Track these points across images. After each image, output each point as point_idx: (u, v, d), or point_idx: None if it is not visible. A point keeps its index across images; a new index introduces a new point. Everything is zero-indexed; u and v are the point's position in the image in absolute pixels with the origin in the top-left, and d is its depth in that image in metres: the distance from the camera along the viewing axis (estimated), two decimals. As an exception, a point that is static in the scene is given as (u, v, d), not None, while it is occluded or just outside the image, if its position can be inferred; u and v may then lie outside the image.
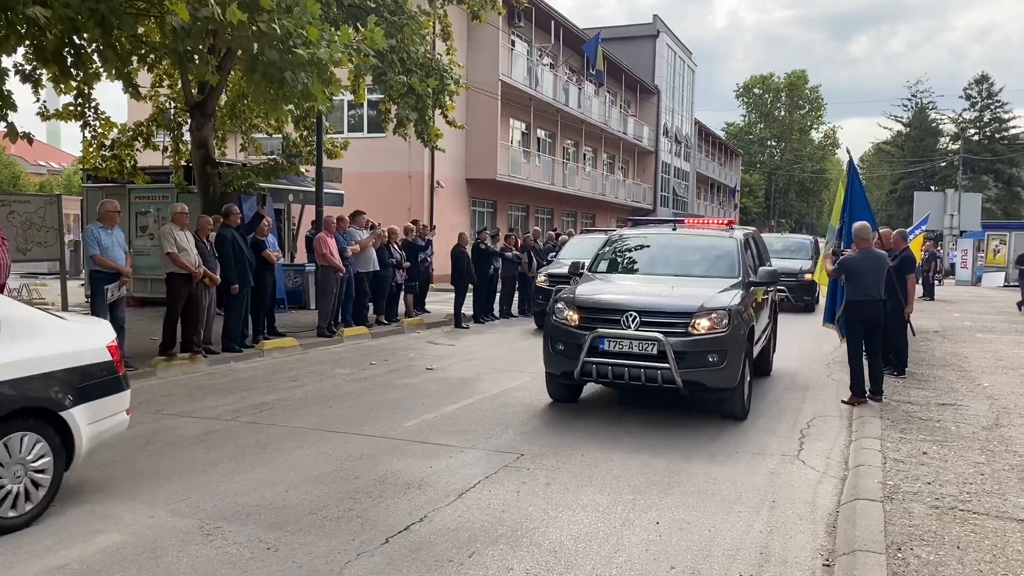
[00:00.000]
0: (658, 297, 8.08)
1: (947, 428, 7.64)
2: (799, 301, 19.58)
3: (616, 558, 4.62)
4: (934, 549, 4.62)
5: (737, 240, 9.35)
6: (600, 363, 7.72)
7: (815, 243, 21.97)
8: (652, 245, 9.95)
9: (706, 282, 8.49)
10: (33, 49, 10.11)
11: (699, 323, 7.59)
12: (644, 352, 7.60)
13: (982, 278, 36.44)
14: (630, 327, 7.65)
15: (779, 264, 19.71)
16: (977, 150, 64.67)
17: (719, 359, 7.54)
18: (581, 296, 8.27)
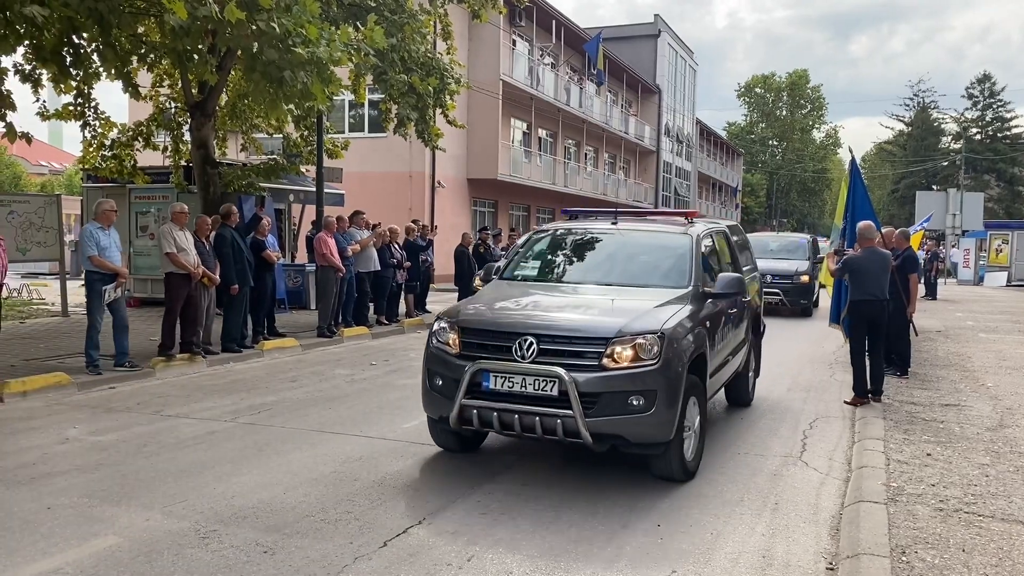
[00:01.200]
0: (565, 316, 6.15)
1: (951, 429, 7.59)
2: (795, 305, 18.79)
3: (617, 561, 4.56)
4: (939, 552, 4.57)
5: (693, 238, 7.18)
6: (483, 407, 5.68)
7: (813, 243, 21.20)
8: (584, 244, 7.77)
9: (643, 294, 6.51)
10: (32, 48, 10.08)
11: (618, 352, 5.57)
12: (540, 392, 5.56)
13: (984, 278, 36.36)
14: (524, 357, 5.62)
15: (773, 266, 18.10)
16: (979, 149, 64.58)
17: (646, 402, 5.50)
18: (466, 313, 6.27)
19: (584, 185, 38.32)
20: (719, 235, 8.23)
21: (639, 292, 6.57)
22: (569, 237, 7.84)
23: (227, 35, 8.87)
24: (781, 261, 19.12)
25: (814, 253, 20.12)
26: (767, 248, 19.95)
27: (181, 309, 10.48)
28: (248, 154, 18.87)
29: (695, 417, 6.17)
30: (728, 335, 7.41)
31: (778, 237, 22.75)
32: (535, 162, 33.74)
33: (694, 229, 7.41)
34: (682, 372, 5.75)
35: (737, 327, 7.88)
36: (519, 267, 7.51)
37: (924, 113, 71.65)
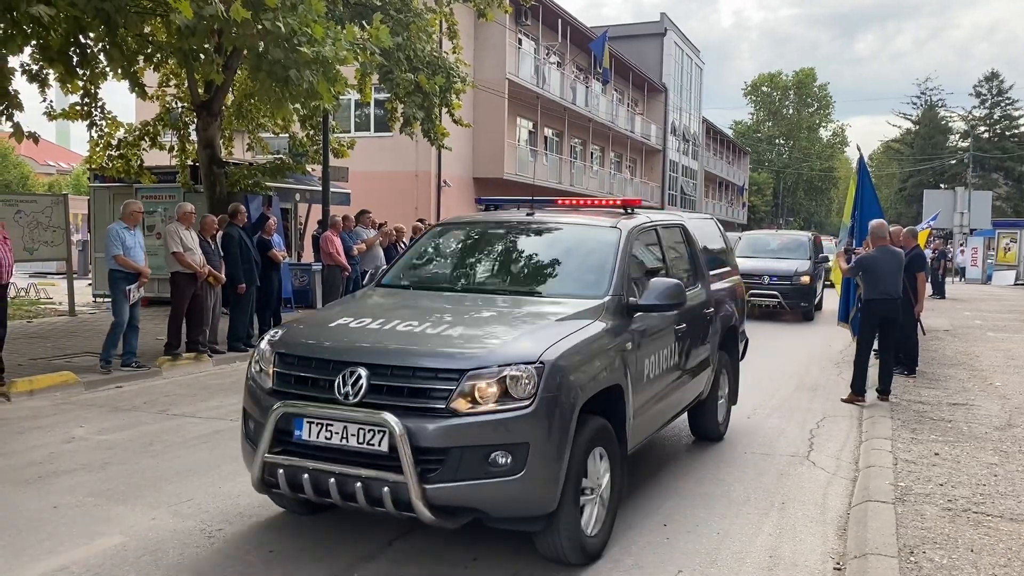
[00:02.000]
0: (413, 339, 4.40)
1: (959, 428, 7.55)
2: (795, 308, 17.62)
3: (623, 561, 4.55)
4: (947, 552, 4.54)
5: (622, 234, 5.56)
6: (292, 466, 4.16)
7: (814, 241, 19.73)
8: (485, 241, 6.19)
9: (542, 305, 5.03)
10: (39, 48, 10.09)
11: (478, 390, 4.03)
12: (367, 447, 4.04)
13: (992, 276, 36.20)
14: (349, 396, 4.11)
15: (771, 266, 17.51)
16: (987, 148, 64.30)
17: (513, 461, 4.00)
18: (289, 335, 4.75)
19: (590, 184, 38.27)
20: (670, 230, 6.59)
21: (537, 304, 5.10)
22: (470, 232, 6.34)
23: (233, 34, 8.86)
24: (780, 261, 18.06)
25: (816, 252, 18.94)
26: (766, 247, 19.28)
27: (187, 309, 10.50)
28: (254, 153, 18.88)
29: (602, 475, 4.57)
30: (675, 356, 5.83)
31: (777, 235, 21.18)
32: (541, 161, 33.71)
33: (628, 223, 5.82)
34: (570, 416, 4.20)
35: (695, 345, 6.32)
36: (403, 270, 5.99)
37: (931, 111, 71.35)
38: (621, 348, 4.88)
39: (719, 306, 6.97)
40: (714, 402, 7.05)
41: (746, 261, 17.42)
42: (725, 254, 8.17)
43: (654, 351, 5.42)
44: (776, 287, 17.37)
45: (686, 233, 6.88)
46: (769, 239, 20.25)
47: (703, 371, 6.55)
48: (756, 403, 8.94)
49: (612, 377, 4.71)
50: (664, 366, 5.60)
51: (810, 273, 17.68)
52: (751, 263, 17.43)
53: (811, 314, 17.79)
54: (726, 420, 7.45)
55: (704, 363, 6.57)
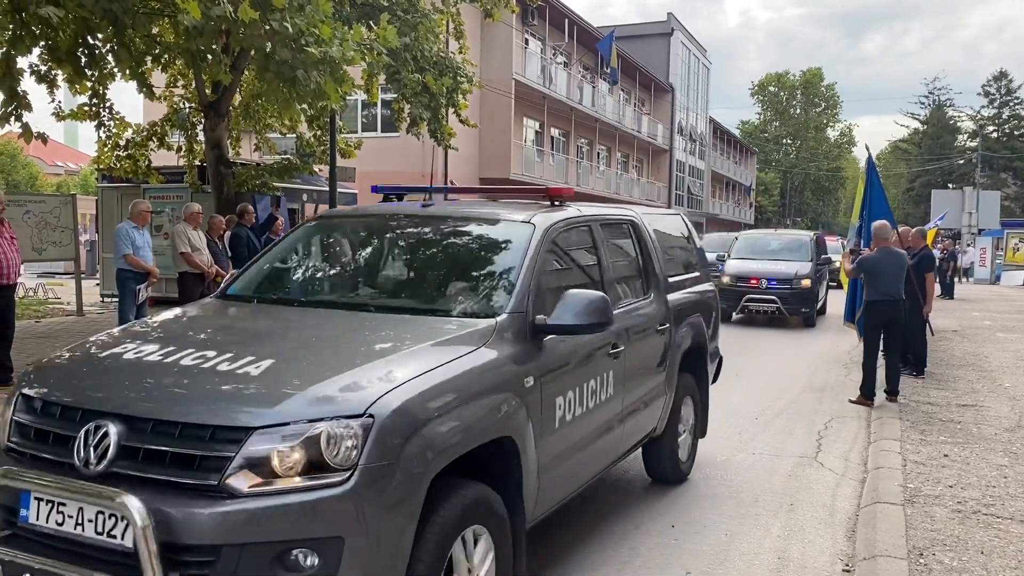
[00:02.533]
0: (193, 376, 3.17)
1: (968, 429, 7.51)
2: (794, 313, 16.35)
3: (631, 562, 4.54)
4: (957, 554, 4.52)
5: (535, 229, 4.31)
6: (12, 562, 2.91)
7: (817, 241, 18.30)
8: (364, 239, 4.97)
9: (413, 327, 3.79)
10: (47, 49, 10.12)
11: (269, 457, 2.80)
12: (105, 540, 2.81)
13: (1001, 277, 36.06)
14: (90, 462, 2.90)
15: (768, 268, 16.36)
16: (996, 147, 63.99)
17: (322, 564, 2.76)
18: (45, 367, 3.59)
19: (597, 184, 38.26)
20: (612, 228, 5.25)
21: (408, 325, 3.79)
22: (348, 229, 5.11)
23: (240, 35, 8.88)
24: (779, 263, 16.82)
25: (818, 253, 17.59)
26: (764, 248, 18.08)
27: (195, 308, 10.52)
28: (261, 154, 18.92)
29: (479, 564, 3.30)
30: (609, 388, 4.53)
31: (777, 235, 19.78)
32: (548, 161, 33.70)
33: (547, 217, 4.44)
34: (415, 490, 2.95)
35: (643, 371, 5.10)
36: (255, 277, 4.70)
37: (940, 111, 71.07)
38: (517, 384, 3.59)
39: (681, 320, 5.75)
40: (673, 437, 5.81)
41: (742, 263, 17.03)
42: (693, 257, 6.73)
43: (574, 385, 4.12)
44: (774, 291, 16.19)
45: (636, 231, 5.52)
46: (768, 239, 19.00)
47: (656, 402, 5.35)
48: (764, 404, 8.92)
49: (499, 426, 3.43)
50: (591, 403, 4.31)
51: (811, 276, 16.34)
52: (747, 265, 16.91)
53: (812, 320, 16.51)
54: (691, 458, 6.20)
55: (656, 392, 5.36)
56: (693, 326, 6.00)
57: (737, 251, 18.21)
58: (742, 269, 16.79)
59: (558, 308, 3.85)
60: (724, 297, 15.88)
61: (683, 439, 6.02)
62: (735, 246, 18.68)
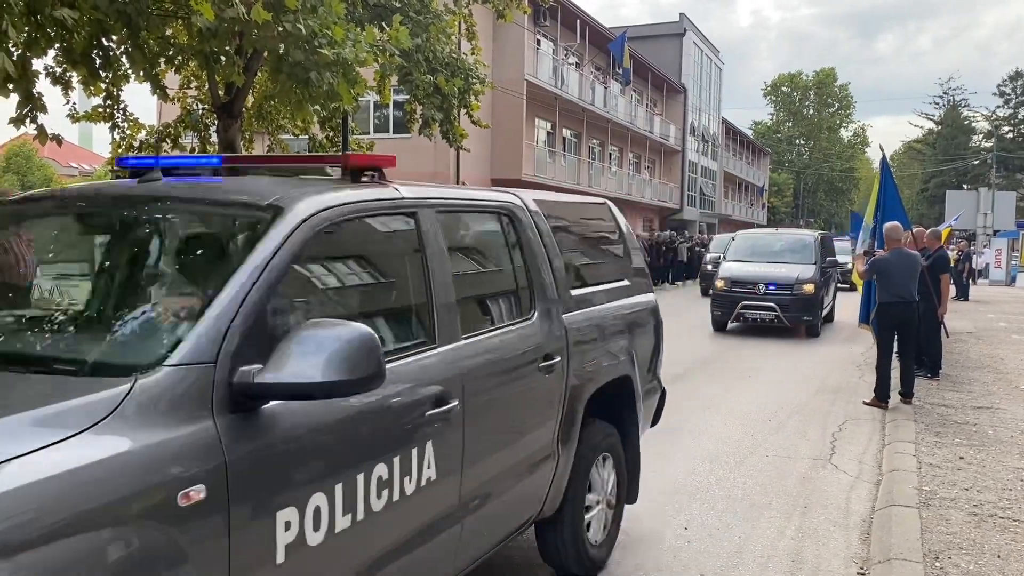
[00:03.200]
0: None
1: (984, 432, 7.45)
2: (796, 322, 14.83)
3: (645, 564, 4.52)
4: (974, 558, 4.48)
5: (283, 219, 2.65)
6: None
7: (822, 242, 16.77)
8: (45, 239, 3.42)
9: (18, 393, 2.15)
10: (62, 51, 10.19)
11: None
12: None
13: (1016, 278, 35.79)
14: None
15: (766, 272, 15.03)
16: (1011, 148, 63.57)
17: None
18: None
19: (609, 185, 38.21)
20: (464, 220, 3.83)
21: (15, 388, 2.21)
22: (31, 218, 3.40)
23: (254, 36, 8.92)
24: (779, 266, 15.39)
25: (822, 255, 16.11)
26: (765, 249, 16.59)
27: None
28: (274, 155, 19.00)
29: None
30: (429, 471, 2.97)
31: (778, 235, 17.99)
32: (559, 162, 33.68)
33: (314, 201, 2.81)
34: None
35: (509, 432, 3.58)
36: None
37: (954, 111, 70.68)
38: (160, 506, 2.01)
39: (589, 349, 4.20)
40: (576, 516, 4.11)
41: (739, 266, 15.79)
42: (619, 259, 5.15)
43: (329, 484, 2.53)
44: (773, 298, 14.74)
45: (514, 225, 3.92)
46: (768, 240, 17.41)
47: (539, 470, 3.78)
48: (777, 406, 8.88)
49: None
50: (379, 501, 2.72)
51: (815, 280, 14.89)
52: (744, 269, 15.59)
53: (816, 329, 15.02)
54: (608, 539, 4.50)
55: (538, 456, 3.77)
56: (612, 355, 4.45)
57: (734, 252, 16.84)
58: (738, 272, 15.51)
59: (274, 357, 2.29)
60: (718, 303, 15.41)
61: (595, 514, 4.32)
62: (732, 247, 17.28)
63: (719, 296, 15.42)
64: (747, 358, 12.19)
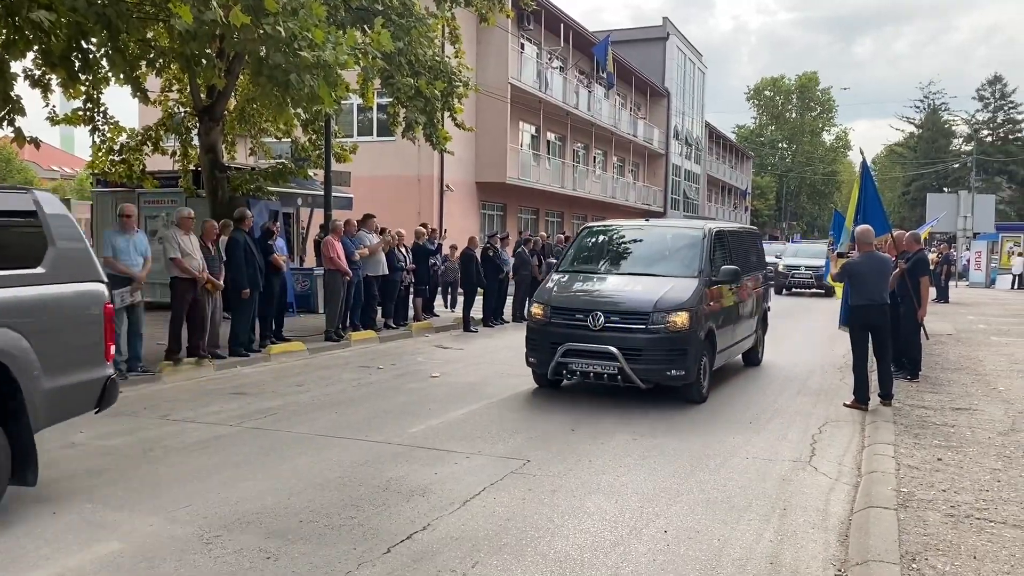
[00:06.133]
0: None
1: (962, 433, 7.51)
2: (656, 378, 8.68)
3: (623, 568, 4.52)
4: (950, 559, 4.50)
5: None
6: None
7: (729, 241, 10.62)
8: None
9: None
10: (41, 53, 10.10)
11: None
12: None
13: (996, 280, 36.14)
14: None
15: (610, 291, 9.24)
16: (990, 151, 64.22)
17: None
18: None
19: (593, 188, 38.28)
20: None
21: None
22: None
23: (234, 39, 8.88)
24: (632, 282, 9.34)
25: (723, 260, 9.87)
26: (623, 253, 10.37)
27: (187, 314, 10.48)
28: (257, 158, 18.92)
29: None
30: None
31: (645, 228, 10.95)
32: (544, 165, 33.70)
33: None
34: None
35: None
36: None
37: (935, 115, 71.31)
38: None
39: None
40: None
41: (566, 282, 9.69)
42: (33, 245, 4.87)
43: None
44: (613, 337, 8.68)
45: None
46: (629, 235, 10.74)
47: None
48: (759, 408, 8.92)
49: None
50: None
51: (691, 308, 8.79)
52: (572, 287, 9.55)
53: (698, 393, 8.96)
54: None
55: None
56: None
57: (572, 258, 10.36)
58: (561, 294, 9.46)
59: None
60: (532, 344, 9.36)
61: None
62: (569, 249, 10.75)
63: (533, 333, 9.40)
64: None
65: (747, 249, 11.55)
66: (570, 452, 6.89)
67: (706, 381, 9.19)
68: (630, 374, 8.58)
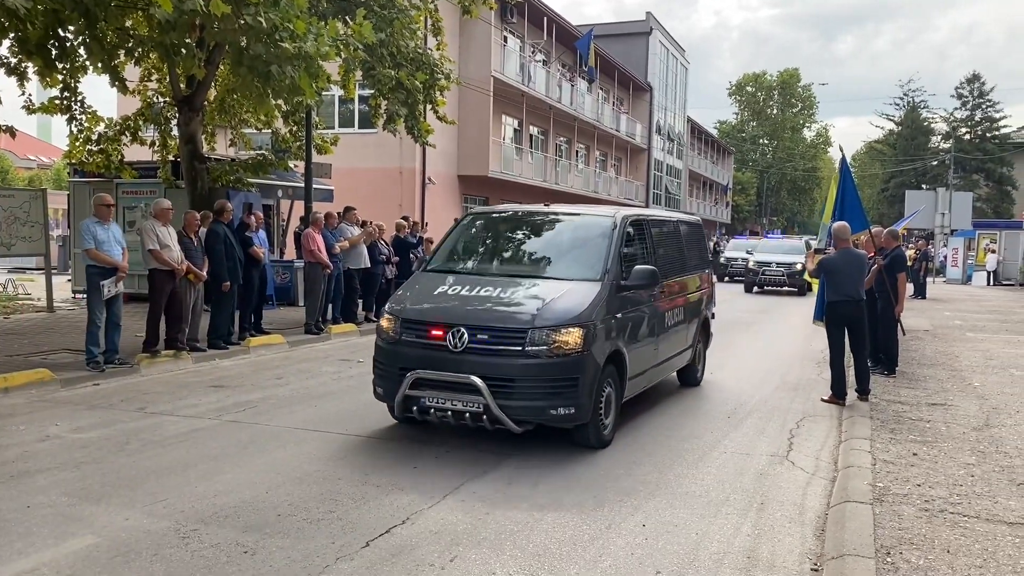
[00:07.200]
0: None
1: (937, 429, 7.59)
2: (533, 417, 6.47)
3: (601, 562, 4.53)
4: (924, 553, 4.55)
5: None
6: None
7: (619, 233, 7.53)
8: None
9: None
10: (17, 41, 9.97)
11: None
12: None
13: (972, 277, 36.55)
14: None
15: (475, 302, 6.65)
16: (968, 149, 64.72)
17: None
18: None
19: (575, 182, 38.30)
20: None
21: None
22: None
23: (214, 29, 8.80)
24: (518, 286, 7.08)
25: (619, 258, 7.37)
26: (505, 249, 8.14)
27: (166, 306, 10.39)
28: (237, 149, 18.76)
29: None
30: None
31: (542, 217, 8.32)
32: (526, 159, 33.68)
33: None
34: None
35: None
36: None
37: (914, 113, 71.78)
38: None
39: None
40: None
41: (433, 289, 7.26)
42: None
43: None
44: (477, 362, 6.50)
45: None
46: (529, 225, 8.33)
47: None
48: (737, 402, 8.97)
49: None
50: None
51: (588, 322, 6.65)
52: (439, 295, 7.15)
53: (596, 438, 6.80)
54: None
55: None
56: None
57: (447, 253, 8.06)
58: (420, 303, 7.21)
59: None
60: (380, 371, 7.06)
61: None
62: (447, 240, 8.27)
63: (380, 354, 7.09)
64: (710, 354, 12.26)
65: (681, 243, 9.41)
66: (550, 448, 6.89)
67: (610, 419, 6.94)
68: (497, 414, 6.30)
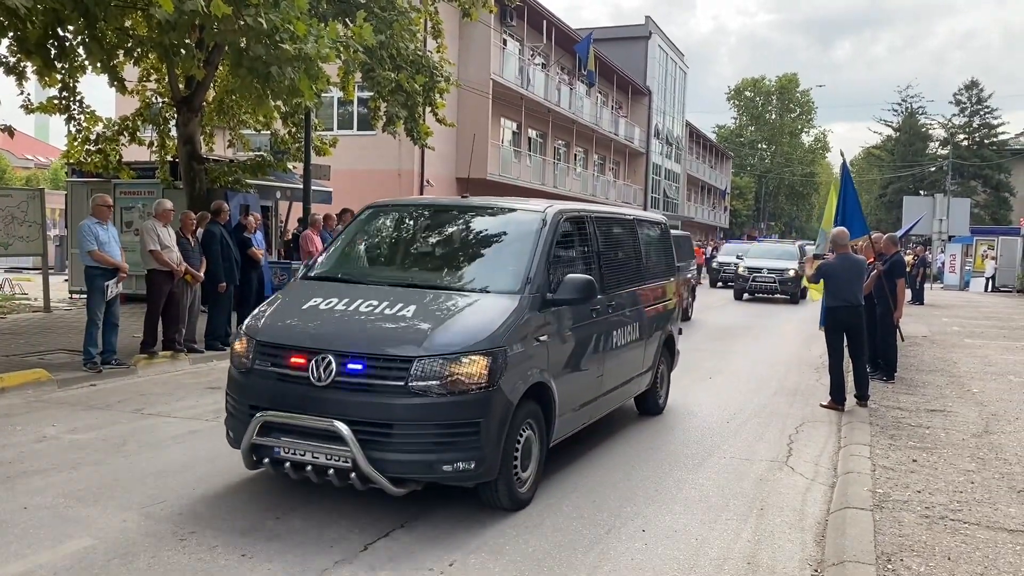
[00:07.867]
0: None
1: (937, 435, 7.58)
2: (417, 473, 4.88)
3: (601, 567, 4.51)
4: (924, 560, 4.54)
5: None
6: None
7: (548, 233, 5.93)
8: None
9: None
10: (16, 40, 9.94)
11: None
12: None
13: (970, 283, 36.59)
14: None
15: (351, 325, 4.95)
16: (966, 155, 64.87)
17: None
18: None
19: (573, 186, 38.31)
20: None
21: None
22: None
23: (214, 30, 8.77)
24: (411, 299, 5.40)
25: (546, 265, 5.77)
26: (407, 251, 6.60)
27: (164, 306, 10.36)
28: (235, 150, 18.73)
29: None
30: None
31: (457, 213, 6.63)
32: (524, 162, 33.69)
33: None
34: None
35: None
36: None
37: (912, 118, 71.93)
38: None
39: None
40: None
41: (302, 302, 5.72)
42: None
43: None
44: (346, 403, 4.92)
45: None
46: (441, 222, 6.73)
47: None
48: (736, 408, 8.95)
49: None
50: None
51: (495, 348, 5.08)
52: (308, 310, 5.58)
53: (507, 497, 5.27)
54: None
55: None
56: None
57: (335, 256, 6.51)
58: (282, 320, 5.64)
59: None
60: (231, 405, 5.50)
61: None
62: (339, 239, 6.82)
63: (231, 385, 5.56)
64: (708, 359, 12.27)
65: (637, 247, 7.80)
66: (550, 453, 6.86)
67: (529, 472, 5.51)
68: (367, 471, 4.75)
